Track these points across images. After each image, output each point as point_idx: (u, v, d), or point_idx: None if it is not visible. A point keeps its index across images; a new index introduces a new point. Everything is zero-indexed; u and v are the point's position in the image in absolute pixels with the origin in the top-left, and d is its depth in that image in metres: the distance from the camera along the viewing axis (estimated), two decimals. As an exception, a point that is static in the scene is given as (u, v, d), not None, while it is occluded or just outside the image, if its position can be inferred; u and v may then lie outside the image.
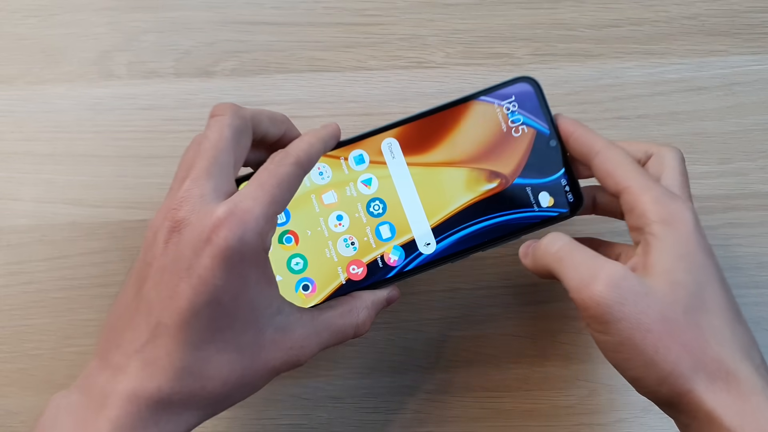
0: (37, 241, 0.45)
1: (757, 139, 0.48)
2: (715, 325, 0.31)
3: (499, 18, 0.51)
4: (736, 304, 0.33)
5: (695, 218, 0.33)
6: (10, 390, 0.41)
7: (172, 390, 0.29)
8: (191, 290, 0.29)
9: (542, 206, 0.38)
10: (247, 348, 0.31)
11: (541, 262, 0.34)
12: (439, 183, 0.38)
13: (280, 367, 0.32)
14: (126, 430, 0.29)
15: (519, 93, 0.39)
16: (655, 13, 0.51)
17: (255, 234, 0.29)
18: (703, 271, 0.32)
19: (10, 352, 0.42)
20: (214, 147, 0.31)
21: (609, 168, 0.34)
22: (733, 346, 0.31)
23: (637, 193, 0.33)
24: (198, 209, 0.30)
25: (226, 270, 0.29)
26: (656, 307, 0.31)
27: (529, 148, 0.38)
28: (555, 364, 0.42)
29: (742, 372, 0.30)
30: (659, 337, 0.30)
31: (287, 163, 0.32)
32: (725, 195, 0.46)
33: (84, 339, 0.42)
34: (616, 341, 0.31)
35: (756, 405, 0.29)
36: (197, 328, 0.29)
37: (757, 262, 0.44)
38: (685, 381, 0.30)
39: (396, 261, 0.38)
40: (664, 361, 0.30)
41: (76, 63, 0.49)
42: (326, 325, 0.34)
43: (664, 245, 0.32)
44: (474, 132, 0.39)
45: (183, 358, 0.29)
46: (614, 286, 0.31)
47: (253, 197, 0.30)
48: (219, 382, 0.30)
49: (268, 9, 0.51)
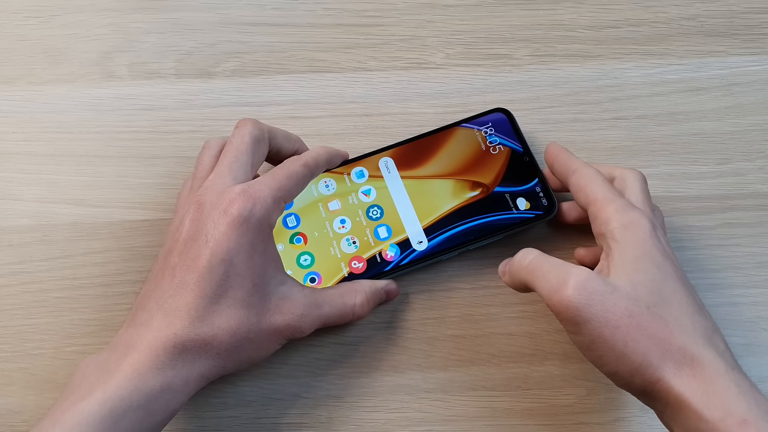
0: (38, 241, 0.45)
1: (756, 139, 0.48)
2: (677, 317, 0.34)
3: (499, 19, 0.51)
4: (696, 298, 0.36)
5: (652, 224, 0.36)
6: (11, 389, 0.41)
7: (187, 336, 0.34)
8: (208, 251, 0.35)
9: (520, 209, 0.44)
10: (254, 307, 0.36)
11: (516, 276, 0.38)
12: (429, 192, 0.44)
13: (283, 330, 0.37)
14: (144, 372, 0.33)
15: (495, 120, 0.46)
16: (654, 14, 0.52)
17: (263, 209, 0.36)
18: (660, 269, 0.35)
19: (12, 351, 0.42)
20: (236, 149, 0.38)
21: (581, 184, 0.39)
22: (695, 334, 0.33)
23: (602, 203, 0.37)
24: (218, 192, 0.36)
25: (238, 234, 0.35)
26: (621, 305, 0.33)
27: (505, 163, 0.45)
28: (554, 364, 0.42)
29: (705, 357, 0.33)
30: (627, 332, 0.33)
31: (297, 163, 0.39)
32: (724, 195, 0.46)
33: (85, 338, 0.42)
34: (589, 340, 0.34)
35: (720, 386, 0.32)
36: (212, 283, 0.35)
37: (756, 262, 0.45)
38: (655, 370, 0.33)
39: (392, 257, 0.43)
40: (634, 353, 0.33)
41: (78, 64, 0.50)
42: (326, 300, 0.39)
43: (624, 248, 0.36)
44: (458, 151, 0.45)
45: (198, 308, 0.34)
46: (581, 288, 0.34)
47: (264, 182, 0.37)
48: (228, 333, 0.35)
49: (269, 10, 0.51)
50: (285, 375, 0.42)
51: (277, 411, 0.41)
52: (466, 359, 0.42)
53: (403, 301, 0.43)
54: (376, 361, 0.42)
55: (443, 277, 0.44)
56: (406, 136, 0.47)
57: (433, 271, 0.44)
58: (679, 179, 0.47)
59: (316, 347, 0.42)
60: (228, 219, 0.35)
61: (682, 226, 0.45)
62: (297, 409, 0.41)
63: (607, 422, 0.41)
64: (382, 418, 0.41)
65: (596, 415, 0.41)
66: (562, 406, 0.41)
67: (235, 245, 0.35)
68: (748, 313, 0.43)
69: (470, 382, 0.42)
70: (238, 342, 0.35)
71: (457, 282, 0.44)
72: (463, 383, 0.42)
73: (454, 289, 0.44)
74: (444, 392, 0.42)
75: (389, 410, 0.41)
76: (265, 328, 0.36)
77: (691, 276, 0.44)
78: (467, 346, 0.43)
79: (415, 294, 0.44)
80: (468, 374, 0.42)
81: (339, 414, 0.41)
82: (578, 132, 0.48)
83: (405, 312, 0.43)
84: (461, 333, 0.43)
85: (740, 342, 0.43)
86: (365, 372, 0.42)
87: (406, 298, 0.44)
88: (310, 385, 0.42)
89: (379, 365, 0.42)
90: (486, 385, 0.42)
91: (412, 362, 0.42)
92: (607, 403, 0.41)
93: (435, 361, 0.42)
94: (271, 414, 0.41)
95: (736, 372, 0.33)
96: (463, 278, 0.44)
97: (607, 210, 0.37)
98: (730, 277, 0.44)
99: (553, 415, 0.41)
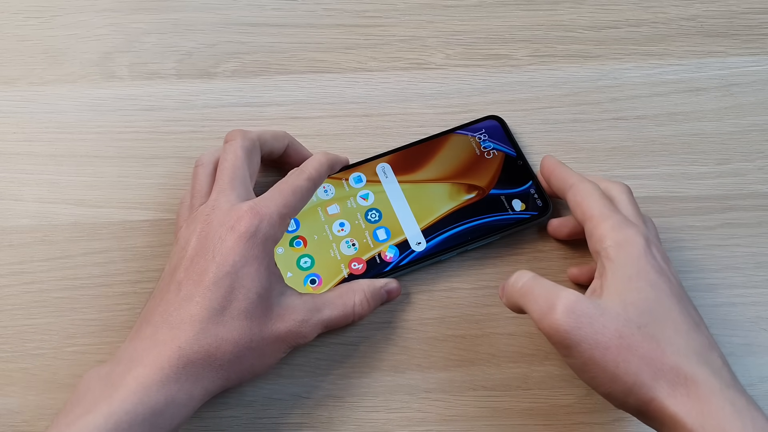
0: (39, 241, 0.45)
1: (755, 139, 0.48)
2: (669, 336, 0.33)
3: (499, 19, 0.51)
4: (692, 314, 0.35)
5: (646, 241, 0.36)
6: (12, 389, 0.41)
7: (191, 349, 0.34)
8: (215, 265, 0.36)
9: (516, 210, 0.44)
10: (257, 318, 0.36)
11: (511, 300, 0.37)
12: (426, 195, 0.45)
13: (285, 337, 0.37)
14: (149, 385, 0.33)
15: (488, 127, 0.47)
16: (654, 14, 0.52)
17: (269, 226, 0.37)
18: (653, 288, 0.35)
19: (13, 351, 0.42)
20: (232, 165, 0.39)
21: (578, 200, 0.39)
22: (688, 353, 0.33)
23: (597, 220, 0.37)
24: (225, 210, 0.37)
25: (244, 248, 0.36)
26: (612, 326, 0.33)
27: (500, 166, 0.46)
28: (554, 364, 0.42)
29: (699, 376, 0.32)
30: (618, 353, 0.33)
31: (302, 178, 0.39)
32: (723, 195, 0.46)
33: (86, 338, 0.42)
34: (581, 362, 0.34)
35: (715, 405, 0.32)
36: (217, 296, 0.35)
37: (756, 262, 0.45)
38: (648, 390, 0.33)
39: (392, 258, 0.43)
40: (626, 373, 0.33)
41: (78, 64, 0.50)
42: (325, 303, 0.39)
43: (617, 267, 0.35)
44: (453, 156, 0.46)
45: (203, 320, 0.35)
46: (569, 312, 0.34)
47: (270, 199, 0.38)
48: (231, 343, 0.35)
49: (269, 11, 0.52)
50: (285, 375, 0.42)
51: (278, 411, 0.41)
52: (466, 359, 0.42)
53: (403, 301, 0.43)
54: (376, 361, 0.42)
55: (443, 277, 0.44)
56: (405, 136, 0.47)
57: (433, 271, 0.44)
58: (679, 179, 0.47)
59: (316, 347, 0.42)
60: (235, 235, 0.36)
61: (682, 226, 0.45)
62: (297, 409, 0.41)
63: (607, 422, 0.41)
64: (382, 418, 0.41)
65: (596, 415, 0.41)
66: (562, 406, 0.41)
67: (241, 258, 0.36)
68: (748, 313, 0.43)
69: (470, 382, 0.42)
70: (241, 352, 0.36)
71: (457, 282, 0.44)
72: (463, 383, 0.42)
73: (454, 289, 0.44)
74: (444, 392, 0.42)
75: (389, 410, 0.41)
76: (266, 336, 0.37)
77: (691, 276, 0.44)
78: (467, 346, 0.43)
79: (415, 294, 0.44)
80: (468, 374, 0.42)
81: (339, 414, 0.41)
82: (578, 132, 0.48)
83: (405, 312, 0.43)
84: (461, 333, 0.43)
85: (740, 342, 0.43)
86: (365, 372, 0.42)
87: (406, 298, 0.44)
88: (311, 385, 0.42)
89: (379, 365, 0.42)
90: (486, 385, 0.42)
91: (412, 362, 0.42)
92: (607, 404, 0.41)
93: (435, 361, 0.42)
94: (271, 414, 0.41)
95: (732, 390, 0.32)
96: (463, 278, 0.44)
97: (603, 227, 0.37)
98: (730, 277, 0.44)
99: (553, 415, 0.41)
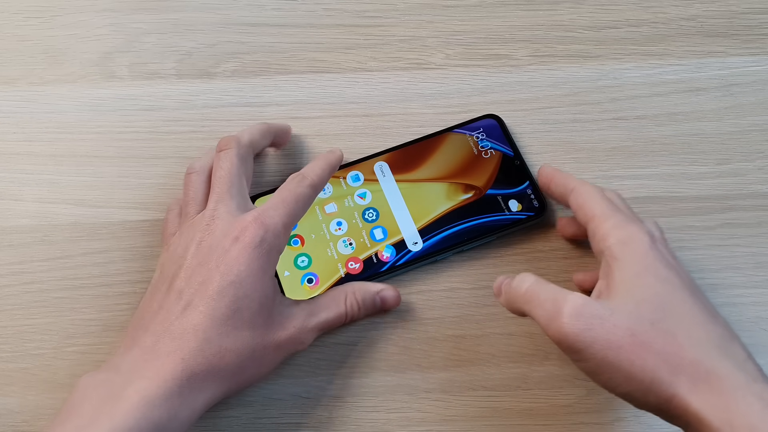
0: (39, 241, 0.45)
1: (755, 139, 0.48)
2: (686, 329, 0.32)
3: (499, 19, 0.51)
4: (707, 305, 0.34)
5: (650, 237, 0.36)
6: (11, 389, 0.41)
7: (194, 360, 0.34)
8: (219, 275, 0.35)
9: (512, 210, 0.44)
10: (259, 327, 0.36)
11: (513, 304, 0.37)
12: (423, 195, 0.45)
13: (284, 344, 0.38)
14: (152, 399, 0.32)
15: (486, 126, 0.47)
16: (654, 14, 0.52)
17: (274, 236, 0.37)
18: (664, 282, 0.34)
19: (12, 351, 0.42)
20: (229, 173, 0.39)
21: (580, 202, 0.39)
22: (708, 345, 0.32)
23: (600, 220, 0.37)
24: (228, 220, 0.37)
25: (249, 258, 0.36)
26: (623, 325, 0.32)
27: (497, 166, 0.46)
28: (554, 364, 0.42)
29: (721, 369, 0.31)
30: (632, 351, 0.32)
31: (304, 185, 0.39)
32: (723, 195, 0.46)
33: (86, 338, 0.42)
34: (594, 365, 0.33)
35: (741, 400, 0.30)
36: (221, 305, 0.35)
37: (756, 262, 0.45)
38: (668, 387, 0.31)
39: (388, 257, 0.44)
40: (642, 371, 0.32)
41: (78, 64, 0.50)
42: (320, 307, 0.40)
43: (623, 265, 0.35)
44: (451, 155, 0.46)
45: (206, 329, 0.35)
46: (577, 315, 0.33)
47: (274, 209, 0.37)
48: (234, 353, 0.35)
49: (269, 11, 0.52)
50: (285, 375, 0.42)
51: (278, 411, 0.41)
52: (466, 359, 0.42)
53: (403, 301, 0.43)
54: (376, 361, 0.42)
55: (443, 277, 0.44)
56: (405, 136, 0.47)
57: (432, 271, 0.44)
58: (679, 179, 0.47)
59: (316, 347, 0.42)
60: (240, 245, 0.36)
61: (682, 226, 0.45)
62: (297, 409, 0.41)
63: (606, 422, 0.41)
64: (382, 418, 0.41)
65: (596, 415, 0.41)
66: (562, 406, 0.41)
67: (246, 268, 0.36)
68: (748, 313, 0.43)
69: (470, 382, 0.42)
70: (243, 362, 0.36)
71: (457, 282, 0.44)
72: (463, 383, 0.42)
73: (454, 289, 0.44)
74: (444, 392, 0.42)
75: (389, 410, 0.41)
76: (268, 344, 0.37)
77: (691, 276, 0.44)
78: (467, 346, 0.43)
79: (415, 294, 0.44)
80: (468, 374, 0.42)
81: (339, 414, 0.41)
82: (578, 132, 0.48)
83: (405, 312, 0.43)
84: (461, 333, 0.43)
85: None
86: (365, 372, 0.42)
87: (406, 298, 0.44)
88: (311, 385, 0.42)
89: (379, 365, 0.42)
90: (486, 385, 0.42)
91: (412, 362, 0.42)
92: (607, 403, 0.41)
93: (435, 361, 0.42)
94: (271, 414, 0.41)
95: (759, 384, 0.31)
96: (463, 278, 0.44)
97: (605, 226, 0.37)
98: (730, 277, 0.44)
99: (552, 415, 0.41)
